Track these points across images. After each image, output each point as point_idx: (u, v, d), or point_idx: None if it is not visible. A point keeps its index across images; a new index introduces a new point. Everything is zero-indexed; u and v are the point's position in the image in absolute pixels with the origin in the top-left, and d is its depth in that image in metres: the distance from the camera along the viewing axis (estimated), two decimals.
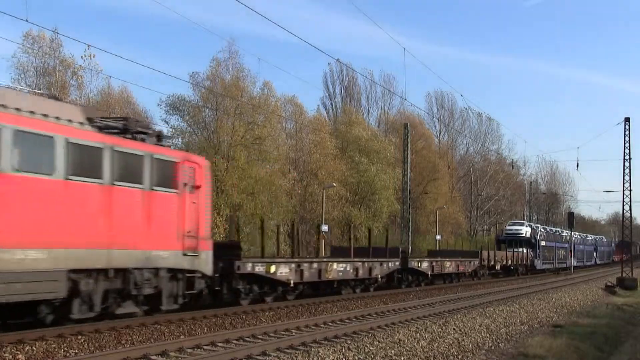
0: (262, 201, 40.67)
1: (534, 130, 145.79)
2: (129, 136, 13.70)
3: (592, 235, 79.26)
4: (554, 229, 65.06)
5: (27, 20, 18.46)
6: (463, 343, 12.89)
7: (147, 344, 11.33)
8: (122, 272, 12.92)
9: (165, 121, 43.43)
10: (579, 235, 68.72)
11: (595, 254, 73.55)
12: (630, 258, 44.10)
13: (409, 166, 47.74)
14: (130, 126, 13.85)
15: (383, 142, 55.45)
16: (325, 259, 22.71)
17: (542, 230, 56.23)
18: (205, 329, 13.65)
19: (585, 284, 35.23)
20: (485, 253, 39.14)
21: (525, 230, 50.94)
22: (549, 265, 53.51)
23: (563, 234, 61.91)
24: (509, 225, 55.53)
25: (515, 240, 48.08)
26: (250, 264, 17.62)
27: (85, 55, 34.60)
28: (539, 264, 49.92)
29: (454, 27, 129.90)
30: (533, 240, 49.85)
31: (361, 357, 10.49)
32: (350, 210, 49.97)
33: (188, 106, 42.68)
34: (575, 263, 59.59)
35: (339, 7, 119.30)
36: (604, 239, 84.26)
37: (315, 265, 20.63)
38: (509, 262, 42.83)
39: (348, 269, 22.33)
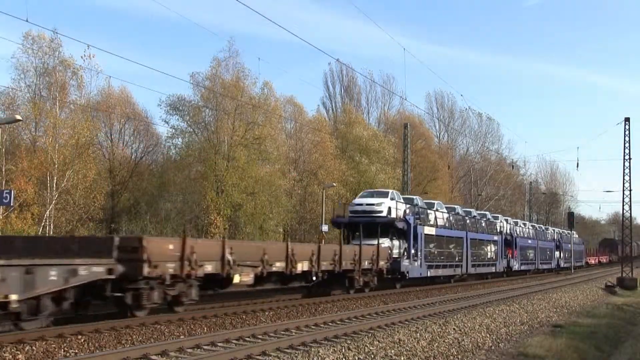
0: (262, 201, 40.71)
1: (534, 130, 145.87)
2: None
3: (554, 229, 60.66)
4: (473, 211, 40.81)
5: (27, 21, 18.54)
6: (463, 343, 12.90)
7: (147, 344, 11.32)
8: None
9: (165, 121, 43.59)
10: (532, 226, 51.30)
11: (558, 254, 54.78)
12: (630, 258, 43.82)
13: (409, 166, 47.77)
14: None
15: (383, 142, 55.47)
16: None
17: (439, 209, 32.60)
18: (205, 329, 13.65)
19: (585, 284, 35.24)
20: (165, 245, 14.30)
21: (388, 207, 27.52)
22: (445, 270, 31.44)
23: (495, 221, 40.87)
24: (360, 196, 30.38)
25: (371, 224, 26.21)
26: None
27: (85, 55, 34.66)
28: (413, 267, 27.42)
29: (454, 27, 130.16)
30: (403, 226, 27.45)
31: (361, 357, 10.49)
32: None
33: (188, 106, 42.79)
34: (518, 266, 42.90)
35: (339, 7, 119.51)
36: (575, 236, 63.49)
37: None
38: (316, 264, 19.53)
39: None
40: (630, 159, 38.32)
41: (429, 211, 31.09)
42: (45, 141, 34.80)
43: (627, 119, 38.37)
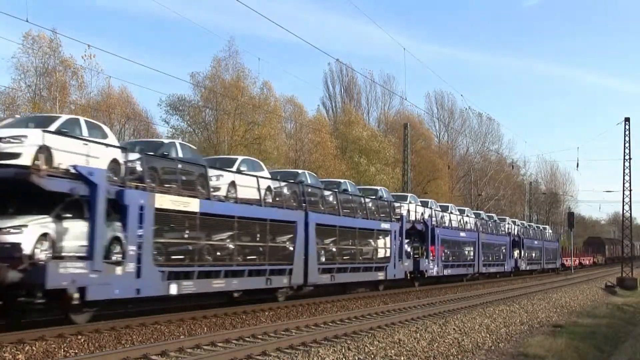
0: None
1: (534, 130, 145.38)
2: None
3: (514, 220, 48.54)
4: (347, 182, 26.35)
5: (27, 21, 18.54)
6: (463, 343, 12.90)
7: (147, 344, 11.34)
8: None
9: (165, 121, 43.58)
10: (477, 214, 40.08)
11: (519, 253, 43.60)
12: (630, 259, 43.57)
13: (408, 166, 47.74)
14: None
15: (383, 142, 55.43)
16: None
17: (243, 169, 18.51)
18: (205, 329, 13.66)
19: (585, 284, 35.24)
20: None
21: (36, 147, 11.46)
22: (243, 282, 17.12)
23: (394, 203, 27.74)
24: None
25: None
26: None
27: (85, 55, 34.60)
28: (103, 279, 12.39)
29: (454, 27, 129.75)
30: (69, 189, 12.04)
31: (361, 357, 10.49)
32: None
33: (188, 106, 42.78)
34: (437, 270, 29.91)
35: (339, 7, 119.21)
36: (548, 230, 52.18)
37: None
38: None
39: None
40: (630, 159, 38.37)
41: (213, 172, 16.87)
42: None
43: (627, 119, 38.40)
